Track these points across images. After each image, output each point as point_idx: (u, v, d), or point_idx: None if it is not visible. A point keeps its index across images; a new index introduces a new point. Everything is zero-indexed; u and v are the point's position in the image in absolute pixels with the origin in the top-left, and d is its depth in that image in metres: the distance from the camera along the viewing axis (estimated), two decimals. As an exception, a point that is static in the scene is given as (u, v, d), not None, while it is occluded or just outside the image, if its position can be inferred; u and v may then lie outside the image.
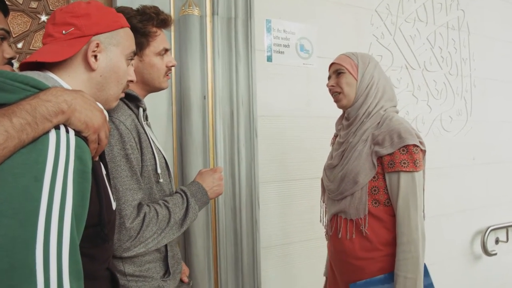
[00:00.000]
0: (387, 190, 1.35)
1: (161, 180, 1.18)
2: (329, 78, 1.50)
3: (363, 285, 1.35)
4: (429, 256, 1.55)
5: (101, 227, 0.75)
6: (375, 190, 1.35)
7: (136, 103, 1.18)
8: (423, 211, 1.37)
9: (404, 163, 1.30)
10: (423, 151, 1.36)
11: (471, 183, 2.89)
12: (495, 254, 2.92)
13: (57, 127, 0.66)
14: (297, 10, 2.14)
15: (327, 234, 1.53)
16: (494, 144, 3.04)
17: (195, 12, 1.77)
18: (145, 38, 1.17)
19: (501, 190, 3.07)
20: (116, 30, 0.87)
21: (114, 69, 0.86)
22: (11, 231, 0.58)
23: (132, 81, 0.94)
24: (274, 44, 2.06)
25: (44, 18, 1.65)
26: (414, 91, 2.62)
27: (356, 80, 1.41)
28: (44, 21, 1.64)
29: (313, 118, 2.17)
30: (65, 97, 0.67)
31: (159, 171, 1.16)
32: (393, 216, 1.35)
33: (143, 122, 1.17)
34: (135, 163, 1.08)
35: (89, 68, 0.82)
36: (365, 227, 1.35)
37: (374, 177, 1.35)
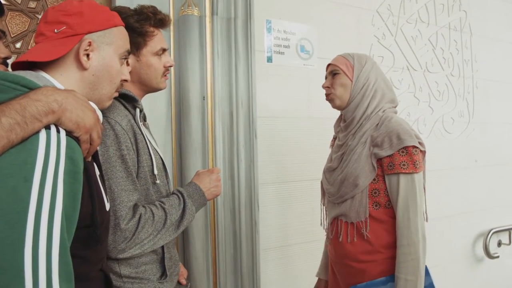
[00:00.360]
0: (387, 192, 1.33)
1: (157, 182, 1.17)
2: (326, 78, 1.49)
3: (363, 287, 1.33)
4: (431, 259, 1.54)
5: (93, 228, 0.74)
6: (375, 193, 1.34)
7: (133, 103, 1.17)
8: (426, 213, 1.35)
9: (404, 164, 1.28)
10: (423, 152, 1.35)
11: (473, 185, 2.87)
12: (498, 257, 2.90)
13: (47, 127, 0.65)
14: (297, 10, 2.13)
15: (327, 237, 1.52)
16: (496, 146, 3.01)
17: (195, 12, 1.76)
18: (142, 37, 1.16)
19: (504, 192, 3.05)
20: (110, 29, 0.86)
21: (107, 68, 0.85)
22: None
23: (126, 80, 0.93)
24: (274, 44, 2.05)
25: (43, 18, 1.64)
26: (415, 93, 2.61)
27: (351, 81, 1.40)
28: (43, 21, 1.64)
29: (313, 119, 2.16)
30: (55, 97, 0.67)
31: (156, 172, 1.15)
32: (394, 219, 1.33)
33: (140, 123, 1.16)
34: (130, 163, 1.07)
35: (81, 67, 0.81)
36: (366, 230, 1.34)
37: (374, 179, 1.33)
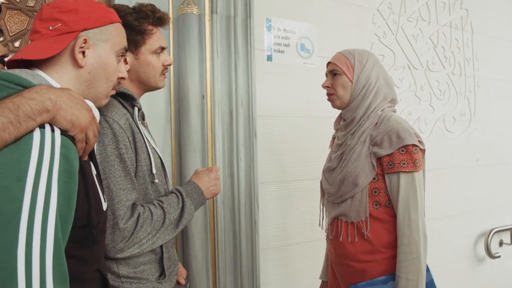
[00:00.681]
0: (387, 191, 1.32)
1: (156, 181, 1.16)
2: (326, 76, 1.48)
3: (364, 286, 1.33)
4: (432, 258, 1.53)
5: (90, 228, 0.73)
6: (375, 192, 1.33)
7: (131, 102, 1.16)
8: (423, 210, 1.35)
9: (404, 163, 1.27)
10: (423, 150, 1.34)
11: (474, 184, 2.86)
12: (499, 257, 2.89)
13: (42, 126, 0.64)
14: (297, 8, 2.12)
15: (327, 237, 1.51)
16: (498, 145, 3.00)
17: (194, 10, 1.75)
18: (141, 36, 1.16)
19: (505, 191, 3.04)
20: (106, 26, 0.85)
21: (103, 66, 0.84)
22: None
23: (123, 78, 0.92)
24: (274, 43, 2.04)
25: (41, 16, 1.63)
26: (416, 91, 2.60)
27: (352, 82, 1.39)
28: (41, 19, 1.63)
29: (313, 118, 2.15)
30: (49, 95, 0.66)
31: (154, 171, 1.15)
32: (394, 218, 1.32)
33: (138, 122, 1.15)
34: (129, 162, 1.06)
35: (77, 65, 0.80)
36: (366, 229, 1.33)
37: (374, 178, 1.33)
